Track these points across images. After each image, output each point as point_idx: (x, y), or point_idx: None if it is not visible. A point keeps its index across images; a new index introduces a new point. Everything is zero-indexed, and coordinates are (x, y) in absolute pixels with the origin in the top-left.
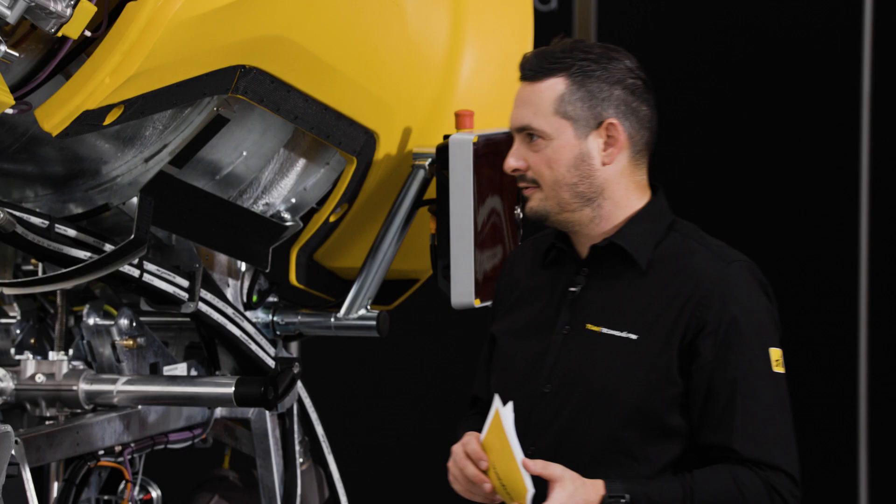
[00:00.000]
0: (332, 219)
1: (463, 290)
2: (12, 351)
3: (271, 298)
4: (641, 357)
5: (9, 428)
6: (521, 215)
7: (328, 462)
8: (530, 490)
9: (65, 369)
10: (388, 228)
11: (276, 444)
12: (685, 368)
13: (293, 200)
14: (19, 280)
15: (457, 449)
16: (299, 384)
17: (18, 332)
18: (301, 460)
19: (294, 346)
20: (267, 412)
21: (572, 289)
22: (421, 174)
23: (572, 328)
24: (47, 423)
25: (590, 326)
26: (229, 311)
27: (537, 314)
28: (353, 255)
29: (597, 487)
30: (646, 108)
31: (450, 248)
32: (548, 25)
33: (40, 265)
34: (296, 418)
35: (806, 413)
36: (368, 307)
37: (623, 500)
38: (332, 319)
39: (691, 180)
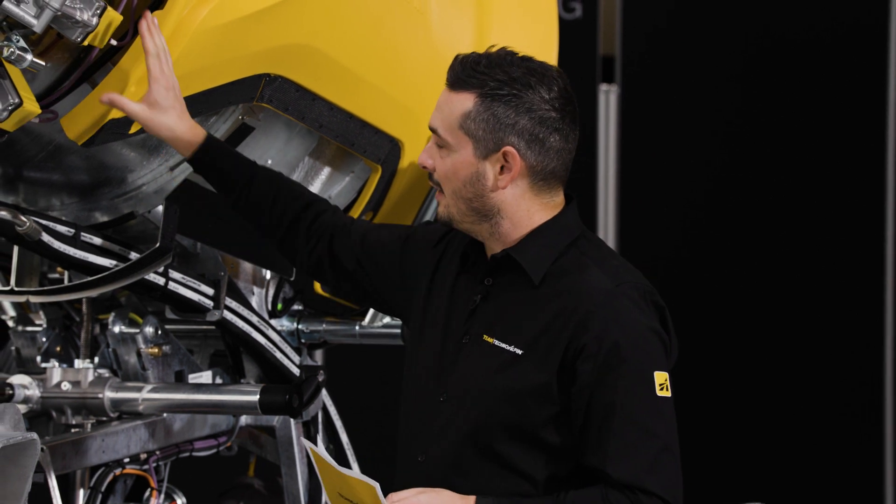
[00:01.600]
0: None
1: None
2: (38, 359)
3: (296, 307)
4: (523, 373)
5: (35, 435)
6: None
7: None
8: (374, 483)
9: (90, 377)
10: None
11: (300, 452)
12: (565, 389)
13: None
14: (45, 288)
15: None
16: (324, 392)
17: (44, 339)
18: None
19: (319, 354)
20: (292, 420)
21: (475, 298)
22: None
23: (471, 338)
24: (73, 430)
25: (486, 337)
26: (254, 319)
27: (445, 318)
28: None
29: (467, 500)
30: (556, 139)
31: None
32: (572, 33)
33: (66, 273)
34: (320, 426)
35: (831, 418)
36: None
37: None
38: (357, 327)
39: (714, 184)
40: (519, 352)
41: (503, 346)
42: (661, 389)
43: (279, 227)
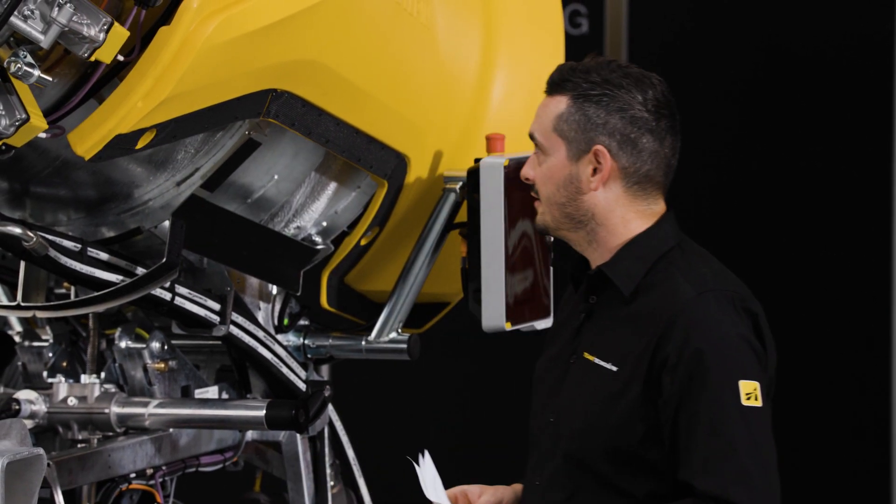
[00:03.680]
0: (363, 242)
1: (494, 314)
2: (45, 374)
3: (302, 321)
4: (618, 390)
5: (41, 451)
6: (552, 239)
7: (359, 485)
8: None
9: (97, 392)
10: (419, 252)
11: (307, 468)
12: (653, 403)
13: (324, 224)
14: (52, 303)
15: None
16: (330, 407)
17: (51, 355)
18: (332, 483)
19: (325, 370)
20: (298, 435)
21: (580, 316)
22: (452, 197)
23: (577, 357)
24: (79, 445)
25: (586, 355)
26: (260, 334)
27: (560, 344)
28: (384, 279)
29: None
30: (648, 140)
31: (481, 271)
32: (579, 49)
33: (73, 288)
34: (327, 441)
35: (837, 422)
36: (399, 330)
37: None
38: (363, 342)
39: (722, 199)
40: (614, 369)
41: (601, 363)
42: (749, 399)
43: None
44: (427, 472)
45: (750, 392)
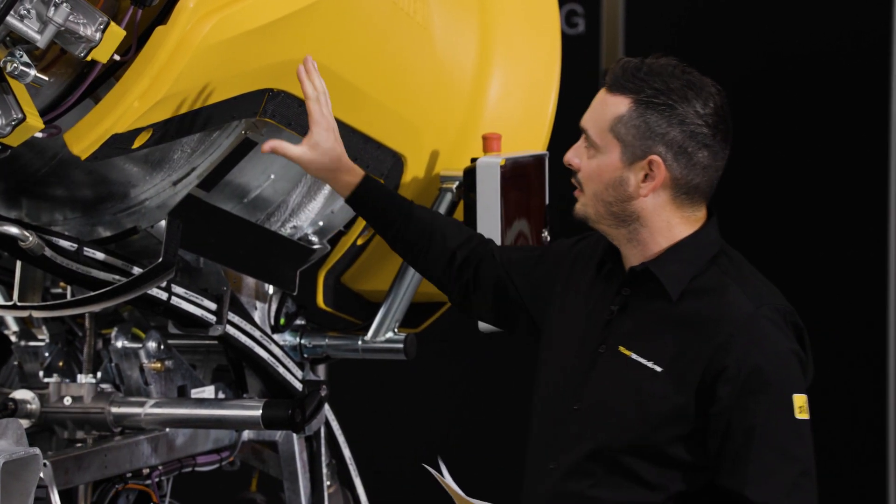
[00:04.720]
0: (359, 242)
1: None
2: (41, 374)
3: (299, 321)
4: (663, 392)
5: (37, 450)
6: (549, 238)
7: (355, 485)
8: None
9: (93, 392)
10: None
11: (303, 467)
12: (702, 409)
13: (321, 223)
14: (48, 303)
15: None
16: (326, 407)
17: (47, 354)
18: (328, 483)
19: (321, 369)
20: (294, 435)
21: (612, 308)
22: (448, 197)
23: (607, 348)
24: (76, 445)
25: (622, 349)
26: (257, 333)
27: (582, 328)
28: (380, 278)
29: None
30: (704, 155)
31: None
32: (576, 48)
33: (69, 288)
34: (323, 441)
35: (832, 425)
36: (396, 330)
37: None
38: (360, 342)
39: (716, 199)
40: (658, 369)
41: (642, 360)
42: (801, 412)
43: (435, 267)
44: (448, 477)
45: (801, 405)
